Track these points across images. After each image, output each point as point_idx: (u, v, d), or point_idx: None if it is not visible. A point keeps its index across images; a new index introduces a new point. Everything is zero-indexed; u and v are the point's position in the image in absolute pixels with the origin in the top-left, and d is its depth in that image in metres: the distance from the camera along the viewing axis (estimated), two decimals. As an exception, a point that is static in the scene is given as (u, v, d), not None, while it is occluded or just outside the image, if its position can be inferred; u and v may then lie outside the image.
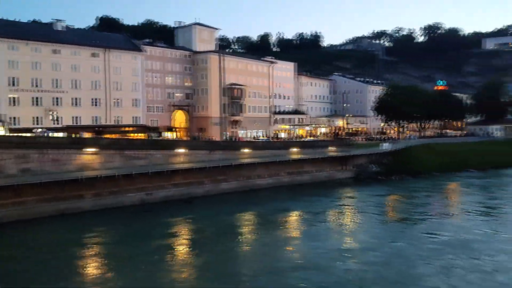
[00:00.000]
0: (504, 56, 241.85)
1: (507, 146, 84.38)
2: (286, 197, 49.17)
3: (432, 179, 61.28)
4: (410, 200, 47.50)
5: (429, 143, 78.84)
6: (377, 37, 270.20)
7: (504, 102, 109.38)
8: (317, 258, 27.75)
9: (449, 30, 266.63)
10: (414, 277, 24.06)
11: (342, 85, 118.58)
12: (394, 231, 34.93)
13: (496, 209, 43.25)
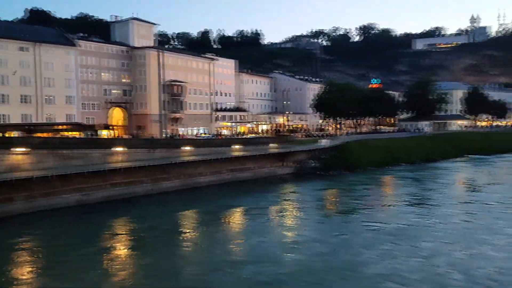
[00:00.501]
0: (432, 56, 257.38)
1: (435, 141, 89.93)
2: (229, 194, 49.33)
3: (368, 173, 64.07)
4: (349, 194, 49.40)
5: (364, 139, 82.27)
6: (315, 36, 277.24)
7: (433, 100, 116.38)
8: (265, 252, 28.34)
9: (383, 31, 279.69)
10: (360, 264, 25.62)
11: (282, 83, 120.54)
12: (337, 223, 36.38)
13: (426, 199, 46.26)
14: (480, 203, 43.01)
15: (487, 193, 48.99)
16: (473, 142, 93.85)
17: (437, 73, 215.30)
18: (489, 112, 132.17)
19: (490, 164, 76.47)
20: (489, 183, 55.40)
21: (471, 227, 34.17)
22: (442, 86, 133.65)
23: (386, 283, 22.75)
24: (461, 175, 64.59)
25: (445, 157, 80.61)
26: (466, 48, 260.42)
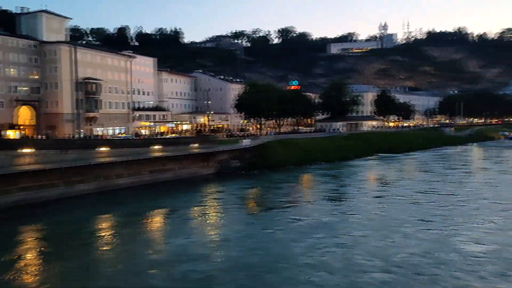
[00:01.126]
0: (346, 60, 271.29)
1: (349, 141, 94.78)
2: (150, 196, 47.84)
3: (289, 171, 65.79)
4: (273, 191, 50.41)
5: (284, 139, 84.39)
6: (236, 37, 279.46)
7: (346, 102, 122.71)
8: (195, 250, 28.22)
9: (300, 34, 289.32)
10: (289, 256, 26.91)
11: (204, 83, 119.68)
12: (264, 219, 37.06)
13: (344, 194, 48.87)
14: (392, 197, 46.20)
15: (397, 187, 52.65)
16: (383, 142, 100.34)
17: (350, 76, 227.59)
18: (397, 114, 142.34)
19: (399, 161, 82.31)
20: (398, 179, 59.61)
21: (384, 218, 36.74)
22: (355, 88, 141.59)
23: (315, 271, 24.19)
24: (374, 172, 68.73)
25: (359, 156, 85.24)
26: (376, 54, 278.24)
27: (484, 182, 55.75)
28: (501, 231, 31.77)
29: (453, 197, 45.35)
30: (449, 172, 64.96)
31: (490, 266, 24.57)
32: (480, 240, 29.47)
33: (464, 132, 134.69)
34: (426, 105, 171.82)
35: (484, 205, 40.97)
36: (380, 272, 23.87)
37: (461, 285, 22.08)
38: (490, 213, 37.37)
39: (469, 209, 39.44)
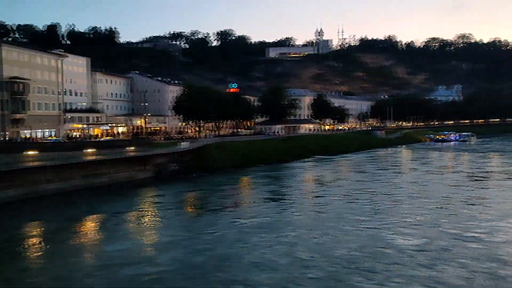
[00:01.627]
0: (284, 64, 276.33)
1: (287, 143, 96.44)
2: (82, 202, 45.43)
3: (229, 174, 65.57)
4: (213, 194, 49.87)
5: (224, 142, 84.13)
6: (174, 38, 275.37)
7: (285, 105, 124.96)
8: (138, 254, 27.72)
9: (239, 38, 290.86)
10: (235, 256, 27.37)
11: (140, 84, 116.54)
12: (206, 222, 36.62)
13: (284, 195, 49.69)
14: (329, 196, 47.61)
15: (334, 187, 54.38)
16: (319, 144, 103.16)
17: (288, 80, 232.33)
18: (332, 117, 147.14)
19: (335, 162, 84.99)
20: (335, 179, 61.50)
21: (323, 216, 37.95)
22: (292, 92, 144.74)
23: (261, 268, 24.88)
24: (311, 173, 70.41)
25: (297, 158, 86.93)
26: (313, 59, 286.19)
27: (412, 181, 58.97)
28: (428, 226, 33.87)
29: (386, 196, 47.56)
30: (381, 172, 68.05)
31: (419, 257, 26.25)
32: (411, 234, 31.33)
33: (394, 135, 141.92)
34: (359, 109, 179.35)
35: (413, 202, 43.30)
36: (322, 267, 25.03)
37: (394, 275, 23.48)
38: (419, 210, 39.53)
39: (400, 206, 41.54)
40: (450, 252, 27.34)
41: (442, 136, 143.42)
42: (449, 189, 51.50)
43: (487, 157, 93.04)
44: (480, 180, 59.42)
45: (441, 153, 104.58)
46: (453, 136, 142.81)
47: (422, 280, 22.77)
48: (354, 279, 23.03)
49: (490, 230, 32.24)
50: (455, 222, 34.74)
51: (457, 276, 23.29)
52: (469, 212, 38.65)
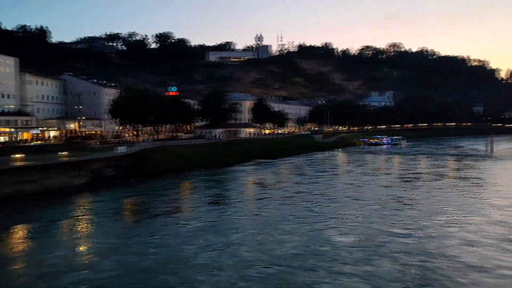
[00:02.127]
0: (225, 68, 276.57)
1: (228, 147, 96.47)
2: (13, 210, 42.50)
3: (169, 179, 64.36)
4: (153, 199, 48.68)
5: (163, 146, 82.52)
6: (111, 40, 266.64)
7: (225, 109, 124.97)
8: (80, 261, 27.25)
9: (179, 40, 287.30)
10: (183, 258, 27.60)
11: (75, 86, 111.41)
12: (148, 226, 35.94)
13: (226, 198, 49.83)
14: (271, 198, 48.44)
15: (276, 189, 55.15)
16: (260, 148, 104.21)
17: (229, 84, 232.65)
18: (273, 121, 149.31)
19: (276, 166, 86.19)
20: (276, 182, 62.41)
21: (266, 218, 38.69)
22: (233, 96, 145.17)
23: (208, 269, 25.39)
24: (253, 176, 70.85)
25: (238, 162, 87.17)
26: (253, 63, 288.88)
27: (349, 182, 61.25)
28: (364, 224, 35.55)
29: (324, 197, 49.16)
30: (320, 175, 70.00)
31: (357, 253, 27.84)
32: (349, 232, 32.96)
33: (331, 138, 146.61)
34: (298, 114, 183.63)
35: (350, 203, 45.20)
36: (267, 265, 25.96)
37: (334, 270, 24.94)
38: (355, 209, 41.36)
39: (338, 207, 43.22)
40: (384, 247, 29.05)
41: (375, 140, 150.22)
42: (383, 190, 54.26)
43: (417, 159, 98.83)
44: (410, 181, 62.96)
45: (374, 156, 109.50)
46: (386, 140, 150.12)
47: (360, 273, 24.27)
48: (298, 276, 24.11)
49: (419, 227, 34.53)
50: (388, 220, 36.80)
51: (391, 269, 25.00)
52: (401, 211, 41.01)
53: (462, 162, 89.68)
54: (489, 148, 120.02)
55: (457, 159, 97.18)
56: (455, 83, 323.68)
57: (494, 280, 23.50)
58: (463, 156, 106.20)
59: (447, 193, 51.08)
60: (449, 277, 23.90)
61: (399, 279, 23.61)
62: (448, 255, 27.42)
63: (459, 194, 50.75)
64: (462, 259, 26.77)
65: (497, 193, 50.81)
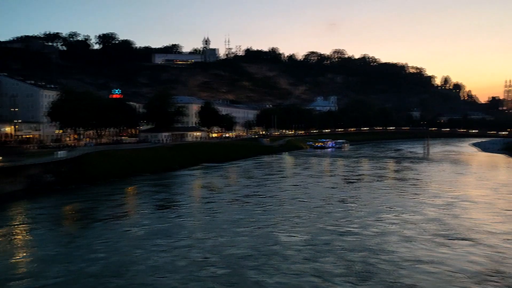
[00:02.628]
0: (171, 71, 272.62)
1: (174, 151, 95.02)
2: None
3: (113, 184, 62.33)
4: (97, 205, 46.99)
5: (106, 150, 79.82)
6: (50, 39, 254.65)
7: (171, 112, 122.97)
8: (21, 269, 26.30)
9: (123, 42, 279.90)
10: (134, 261, 27.40)
11: (9, 87, 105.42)
12: (95, 232, 34.87)
13: (175, 202, 49.26)
14: (221, 202, 48.41)
15: (225, 193, 55.08)
16: (208, 152, 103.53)
17: (175, 87, 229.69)
18: (220, 125, 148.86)
19: (224, 169, 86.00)
20: (225, 185, 62.38)
21: (217, 220, 38.76)
22: (179, 99, 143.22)
23: (161, 271, 25.46)
24: (201, 180, 70.25)
25: (185, 166, 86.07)
26: (200, 67, 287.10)
27: (296, 184, 62.58)
28: (311, 224, 36.62)
29: (273, 198, 49.96)
30: (268, 177, 70.76)
31: (305, 251, 28.85)
32: (296, 232, 33.90)
33: (278, 142, 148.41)
34: (246, 117, 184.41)
35: (298, 204, 46.26)
36: (218, 266, 26.34)
37: (284, 267, 25.92)
38: (303, 210, 42.41)
39: (286, 208, 44.14)
40: (330, 245, 30.20)
41: (320, 143, 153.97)
42: (328, 191, 55.89)
43: (359, 161, 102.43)
44: (354, 182, 65.20)
45: (320, 159, 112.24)
46: (330, 143, 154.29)
47: (308, 270, 25.32)
48: (248, 274, 24.82)
49: (363, 225, 36.02)
50: (334, 219, 38.12)
51: (337, 265, 26.17)
52: (345, 211, 42.52)
53: (401, 164, 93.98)
54: (426, 151, 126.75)
55: (396, 161, 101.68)
56: (394, 89, 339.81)
57: (428, 271, 25.06)
58: (402, 158, 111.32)
59: (387, 193, 53.38)
60: (388, 270, 25.31)
61: (344, 274, 24.67)
62: (388, 250, 28.93)
63: (399, 194, 53.17)
64: (400, 253, 28.31)
65: (433, 193, 53.74)
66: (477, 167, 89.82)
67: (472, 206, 44.60)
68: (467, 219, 38.60)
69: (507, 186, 60.33)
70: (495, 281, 23.68)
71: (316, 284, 23.45)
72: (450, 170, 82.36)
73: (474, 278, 24.18)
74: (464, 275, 24.47)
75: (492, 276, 24.42)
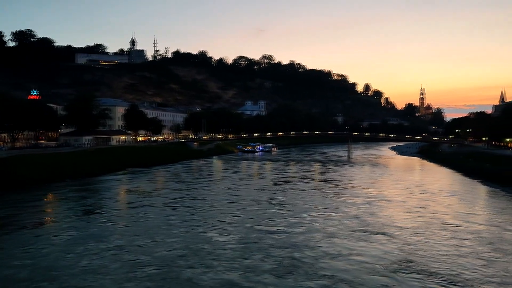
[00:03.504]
0: (94, 72, 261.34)
1: (99, 156, 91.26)
2: None
3: (31, 191, 58.33)
4: (17, 212, 43.74)
5: (21, 155, 74.69)
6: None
7: (95, 115, 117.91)
8: None
9: (42, 40, 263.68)
10: (65, 266, 26.96)
11: None
12: (17, 240, 33.03)
13: (100, 207, 47.26)
14: (150, 205, 47.77)
15: (154, 197, 54.14)
16: (134, 156, 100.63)
17: (99, 89, 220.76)
18: (147, 128, 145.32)
19: (152, 174, 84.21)
20: (153, 190, 61.37)
21: (147, 223, 38.52)
22: (104, 102, 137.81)
23: (91, 274, 25.45)
24: (128, 185, 68.26)
25: (110, 171, 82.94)
26: (126, 68, 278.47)
27: (226, 187, 63.44)
28: (241, 224, 37.79)
29: (204, 201, 50.38)
30: (198, 181, 70.90)
31: (235, 250, 29.96)
32: (227, 232, 34.99)
33: (207, 146, 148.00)
34: (174, 121, 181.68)
35: (228, 205, 47.32)
36: (152, 266, 26.83)
37: (215, 265, 27.00)
38: (233, 211, 43.65)
39: (217, 209, 44.96)
40: (259, 243, 31.64)
41: (249, 147, 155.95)
42: (257, 193, 57.54)
43: (287, 165, 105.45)
44: (282, 184, 67.28)
45: (249, 163, 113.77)
46: (259, 147, 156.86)
47: (240, 267, 26.62)
48: (181, 273, 25.55)
49: (289, 224, 37.90)
50: (263, 220, 39.71)
51: (265, 261, 27.77)
52: (273, 211, 44.31)
53: (326, 167, 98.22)
54: (348, 154, 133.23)
55: (322, 164, 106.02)
56: (320, 95, 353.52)
57: (348, 263, 27.51)
58: (327, 161, 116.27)
59: (313, 194, 56.08)
60: (312, 264, 27.31)
61: (272, 269, 26.22)
62: (312, 246, 31.00)
63: (323, 194, 56.07)
64: (324, 248, 30.42)
65: (353, 193, 57.27)
66: (394, 169, 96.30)
67: (388, 204, 48.40)
68: (383, 216, 42.03)
69: (419, 186, 65.50)
70: (406, 269, 26.41)
71: (247, 279, 24.74)
72: (370, 171, 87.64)
73: (388, 267, 26.76)
74: (379, 265, 26.99)
75: (403, 264, 27.26)
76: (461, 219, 40.20)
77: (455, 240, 32.80)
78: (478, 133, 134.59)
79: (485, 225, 37.88)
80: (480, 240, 32.75)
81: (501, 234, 34.76)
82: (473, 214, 42.82)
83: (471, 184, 66.70)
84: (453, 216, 41.47)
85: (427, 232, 35.19)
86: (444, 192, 58.30)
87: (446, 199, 52.49)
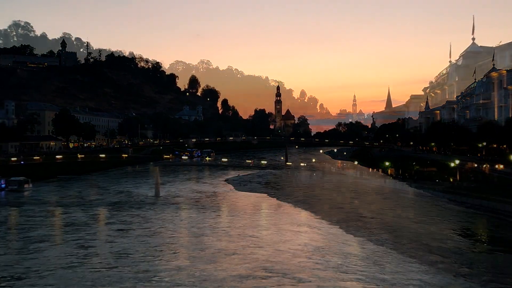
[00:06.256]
0: (21, 74, 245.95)
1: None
2: None
3: None
4: None
5: None
6: None
7: (21, 120, 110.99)
8: None
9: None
10: None
11: None
12: None
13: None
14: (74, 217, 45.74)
15: (76, 206, 51.86)
16: (65, 163, 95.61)
17: (25, 92, 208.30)
18: (79, 134, 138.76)
19: (82, 181, 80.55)
20: (95, 198, 58.74)
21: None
22: (31, 106, 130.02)
23: None
24: (57, 196, 64.58)
25: (37, 179, 78.02)
26: (55, 71, 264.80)
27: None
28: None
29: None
30: (129, 187, 68.29)
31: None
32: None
33: (143, 152, 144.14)
34: (108, 126, 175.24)
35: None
36: None
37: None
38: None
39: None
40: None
41: (186, 153, 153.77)
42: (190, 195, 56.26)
43: (226, 169, 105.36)
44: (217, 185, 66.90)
45: (186, 167, 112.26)
46: (196, 153, 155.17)
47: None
48: None
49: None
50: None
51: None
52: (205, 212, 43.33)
53: (267, 170, 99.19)
54: (286, 159, 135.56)
55: (247, 168, 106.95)
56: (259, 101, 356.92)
57: None
58: (256, 166, 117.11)
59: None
60: None
61: None
62: None
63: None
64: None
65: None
66: (328, 172, 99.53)
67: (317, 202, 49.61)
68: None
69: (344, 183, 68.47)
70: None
71: None
72: (305, 175, 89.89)
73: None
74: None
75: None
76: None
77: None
78: (404, 138, 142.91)
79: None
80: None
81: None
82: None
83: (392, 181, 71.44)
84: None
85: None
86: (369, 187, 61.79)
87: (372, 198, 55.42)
